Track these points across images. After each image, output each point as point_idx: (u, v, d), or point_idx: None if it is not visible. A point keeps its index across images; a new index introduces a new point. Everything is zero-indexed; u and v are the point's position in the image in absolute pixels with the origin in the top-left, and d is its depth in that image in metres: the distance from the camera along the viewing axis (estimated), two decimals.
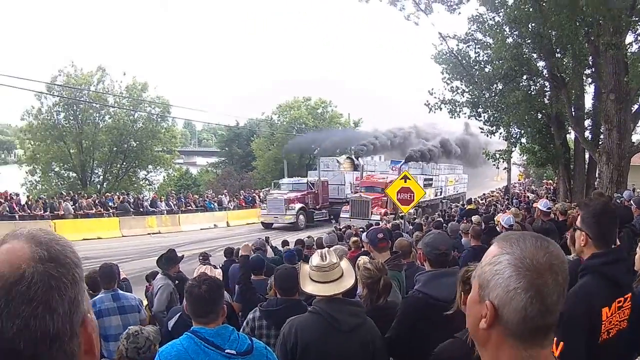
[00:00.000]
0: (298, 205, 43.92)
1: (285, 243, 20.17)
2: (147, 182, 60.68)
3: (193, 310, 4.31)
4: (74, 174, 55.21)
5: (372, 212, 40.61)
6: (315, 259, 5.10)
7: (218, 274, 8.53)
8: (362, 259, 6.49)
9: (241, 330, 6.12)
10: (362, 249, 9.73)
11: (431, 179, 51.27)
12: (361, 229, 21.15)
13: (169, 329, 6.57)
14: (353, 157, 54.36)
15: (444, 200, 52.49)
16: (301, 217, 43.84)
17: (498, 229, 11.84)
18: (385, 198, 40.29)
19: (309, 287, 5.02)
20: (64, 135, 52.28)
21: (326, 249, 5.85)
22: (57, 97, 51.47)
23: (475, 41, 26.70)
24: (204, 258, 13.63)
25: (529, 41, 23.78)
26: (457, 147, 61.58)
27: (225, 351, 3.92)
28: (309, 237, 20.27)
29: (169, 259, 10.10)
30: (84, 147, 53.11)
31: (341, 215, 42.74)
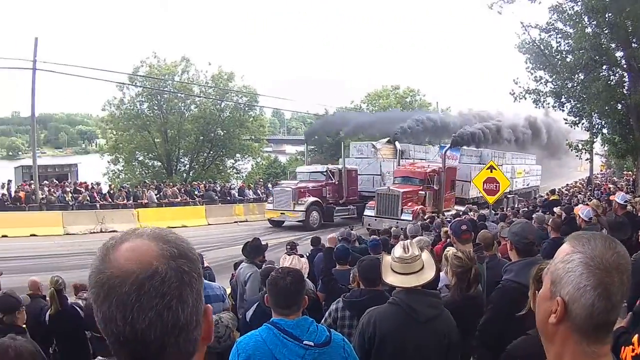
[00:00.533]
0: (310, 199, 36.37)
1: (373, 232, 20.12)
2: (234, 170, 61.07)
3: (276, 302, 4.38)
4: (159, 163, 56.08)
5: (402, 209, 32.58)
6: (397, 251, 5.17)
7: (304, 263, 8.61)
8: (451, 249, 6.55)
9: (323, 320, 6.31)
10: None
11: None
12: (448, 220, 20.69)
13: (247, 319, 6.65)
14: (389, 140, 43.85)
15: (509, 196, 42.42)
16: (314, 213, 36.35)
17: (577, 222, 11.69)
18: (424, 192, 34.56)
19: (390, 278, 5.11)
20: (147, 124, 52.99)
21: (408, 240, 5.95)
22: (140, 87, 52.19)
23: (556, 30, 26.68)
24: (292, 247, 13.72)
25: (607, 31, 23.71)
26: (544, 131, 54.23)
27: (304, 342, 3.99)
28: (396, 226, 20.20)
29: (254, 247, 10.25)
30: (169, 136, 53.66)
31: (365, 213, 34.92)
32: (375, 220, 32.80)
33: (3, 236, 27.81)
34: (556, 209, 16.56)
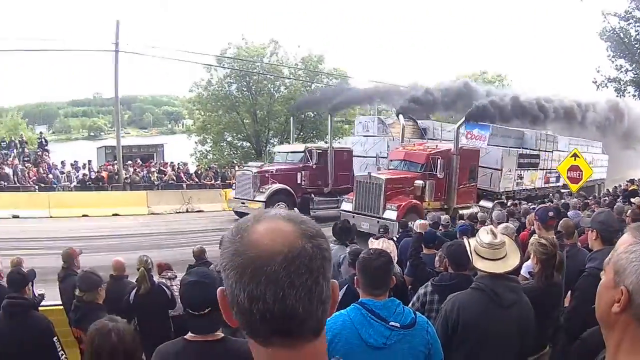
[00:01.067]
0: (274, 187, 29.57)
1: (460, 217, 20.10)
2: None
3: (370, 283, 4.51)
4: (248, 144, 56.66)
5: (385, 204, 24.91)
6: (486, 237, 5.37)
7: (393, 246, 8.67)
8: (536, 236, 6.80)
9: (410, 304, 6.55)
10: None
11: (536, 157, 34.98)
12: (532, 207, 19.47)
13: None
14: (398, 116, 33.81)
15: (563, 191, 34.96)
16: (281, 205, 25.79)
17: None
18: (421, 181, 25.95)
19: (479, 264, 5.28)
20: (236, 105, 53.75)
21: (491, 226, 6.46)
22: (227, 69, 53.04)
23: (635, 19, 26.45)
24: (385, 230, 13.86)
25: None
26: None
27: (390, 323, 4.17)
28: (482, 212, 20.14)
29: (344, 229, 10.35)
30: (258, 117, 54.17)
31: (342, 207, 27.54)
32: (353, 217, 24.87)
33: (84, 215, 28.60)
34: (635, 200, 16.48)
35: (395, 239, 13.60)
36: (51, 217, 28.14)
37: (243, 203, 29.41)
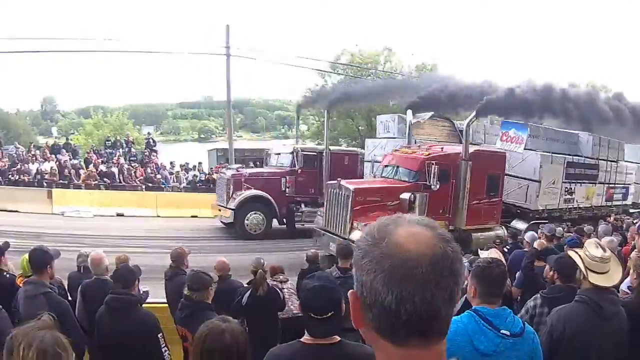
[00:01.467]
0: (247, 193, 25.74)
1: (567, 230, 19.78)
2: None
3: (489, 291, 4.66)
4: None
5: (352, 222, 19.49)
6: (597, 251, 5.57)
7: (501, 256, 8.80)
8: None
9: (519, 316, 6.36)
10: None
11: (594, 167, 27.67)
12: (635, 221, 18.46)
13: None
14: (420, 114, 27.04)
15: (632, 210, 30.74)
16: (255, 214, 25.78)
17: None
18: (409, 195, 19.35)
19: (591, 277, 5.49)
20: (351, 112, 54.15)
21: (596, 239, 6.74)
22: (342, 75, 53.78)
23: None
24: (500, 242, 14.03)
25: None
26: None
27: (500, 331, 4.39)
28: (589, 225, 19.31)
29: (458, 240, 10.35)
30: (373, 124, 53.60)
31: (316, 222, 23.39)
32: (323, 235, 20.87)
33: (193, 216, 29.36)
34: None
35: (506, 250, 13.96)
36: (158, 216, 29.07)
37: (220, 210, 26.46)
